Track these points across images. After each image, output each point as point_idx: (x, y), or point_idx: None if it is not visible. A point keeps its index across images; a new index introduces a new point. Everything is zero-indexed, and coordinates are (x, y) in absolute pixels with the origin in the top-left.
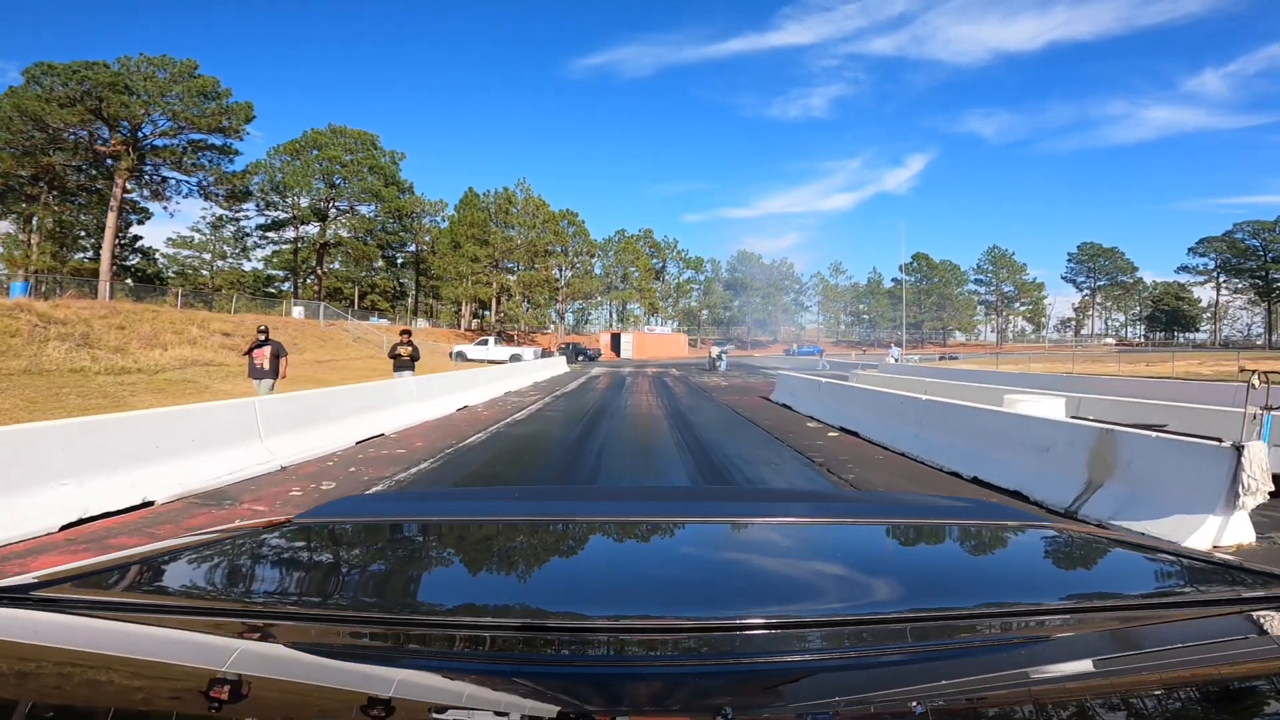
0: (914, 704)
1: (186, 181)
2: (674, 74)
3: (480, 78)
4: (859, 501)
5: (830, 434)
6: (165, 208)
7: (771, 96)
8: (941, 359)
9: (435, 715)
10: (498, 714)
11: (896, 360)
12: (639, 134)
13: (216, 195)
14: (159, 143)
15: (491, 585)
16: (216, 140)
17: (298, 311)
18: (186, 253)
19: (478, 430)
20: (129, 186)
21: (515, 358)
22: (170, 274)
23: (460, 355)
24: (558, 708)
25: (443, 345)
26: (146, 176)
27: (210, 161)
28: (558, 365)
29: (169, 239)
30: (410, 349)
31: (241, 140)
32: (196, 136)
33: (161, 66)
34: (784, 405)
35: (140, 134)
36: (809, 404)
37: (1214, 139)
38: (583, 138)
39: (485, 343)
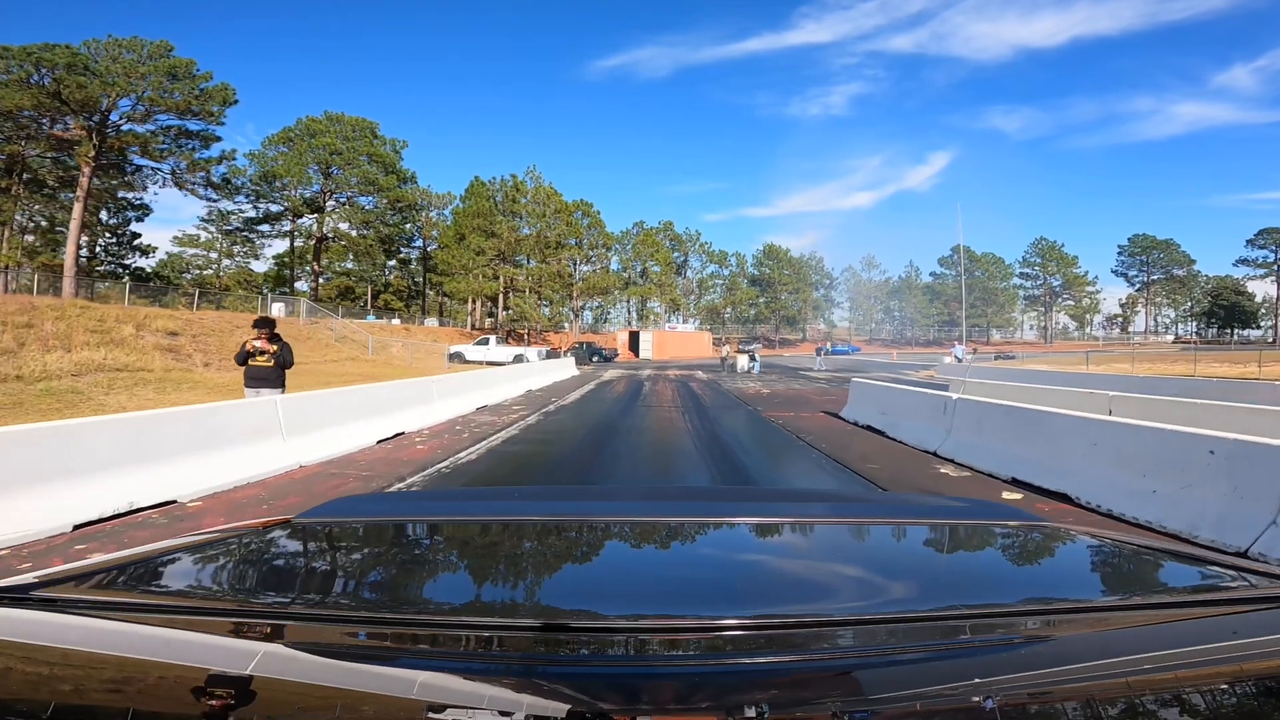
0: (982, 699)
1: (158, 169)
2: (691, 74)
3: (494, 80)
4: (867, 502)
5: (1008, 495)
6: (141, 198)
7: (790, 95)
8: (997, 358)
9: (438, 715)
10: (503, 713)
11: (961, 360)
12: (657, 134)
13: (191, 184)
14: (130, 128)
15: (494, 585)
16: (194, 126)
17: (277, 308)
18: (192, 251)
19: (369, 492)
20: (114, 179)
21: (519, 358)
22: (185, 276)
23: (458, 356)
24: (577, 708)
25: (444, 346)
26: (113, 165)
27: (183, 147)
28: (565, 368)
29: (175, 237)
30: (274, 348)
31: (222, 125)
32: (170, 122)
33: (129, 48)
34: (869, 429)
35: (109, 120)
36: (921, 430)
37: (1244, 134)
38: (600, 139)
39: (485, 342)
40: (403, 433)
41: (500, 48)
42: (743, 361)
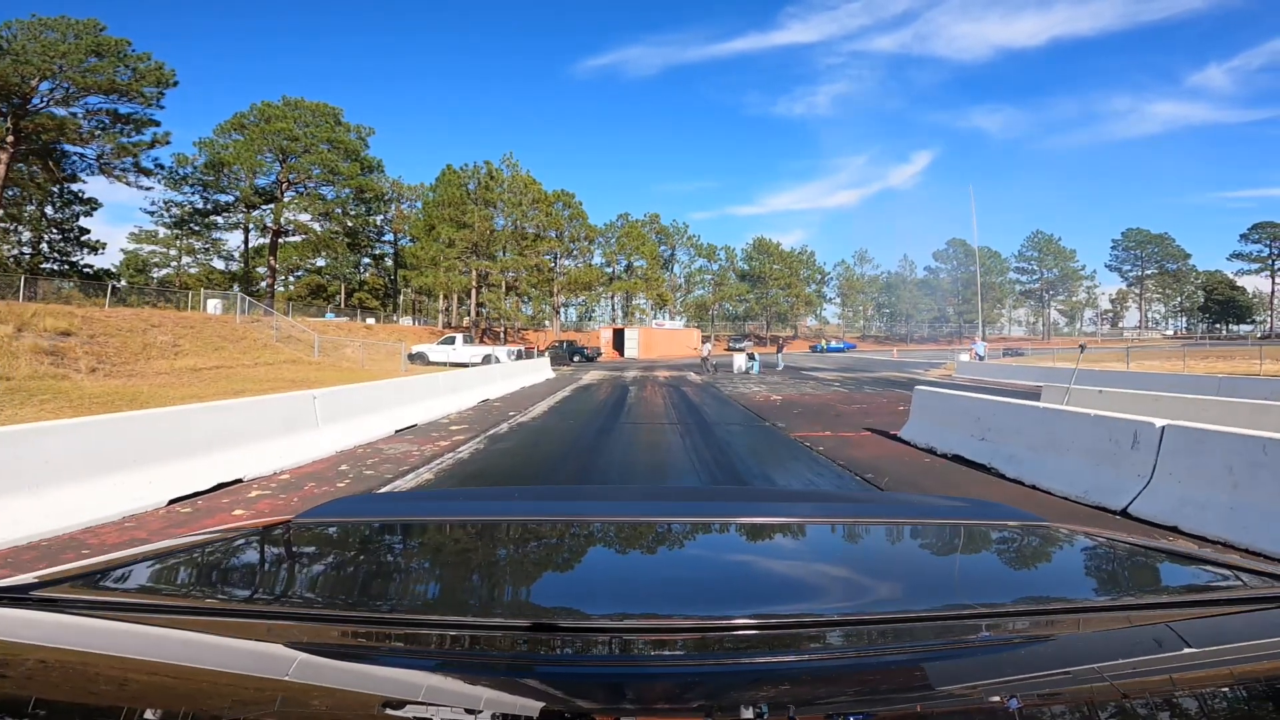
0: (1007, 698)
1: (83, 154)
2: (679, 74)
3: (480, 77)
4: (863, 502)
5: None
6: (69, 188)
7: (777, 95)
8: (1006, 354)
9: (436, 715)
10: (499, 714)
11: (982, 357)
12: (644, 133)
13: (119, 170)
14: (56, 112)
15: (493, 585)
16: (126, 109)
17: (213, 305)
18: (150, 248)
19: None
20: (34, 165)
21: (488, 359)
22: (150, 275)
23: (420, 357)
24: (561, 708)
25: (409, 345)
26: (34, 152)
27: (108, 131)
28: (537, 370)
29: (131, 234)
30: None
31: (160, 109)
32: (100, 105)
33: (53, 28)
34: (960, 461)
35: (31, 103)
36: (1069, 469)
37: (1220, 133)
38: (587, 138)
39: (451, 341)
40: (240, 479)
41: (487, 47)
42: (740, 361)
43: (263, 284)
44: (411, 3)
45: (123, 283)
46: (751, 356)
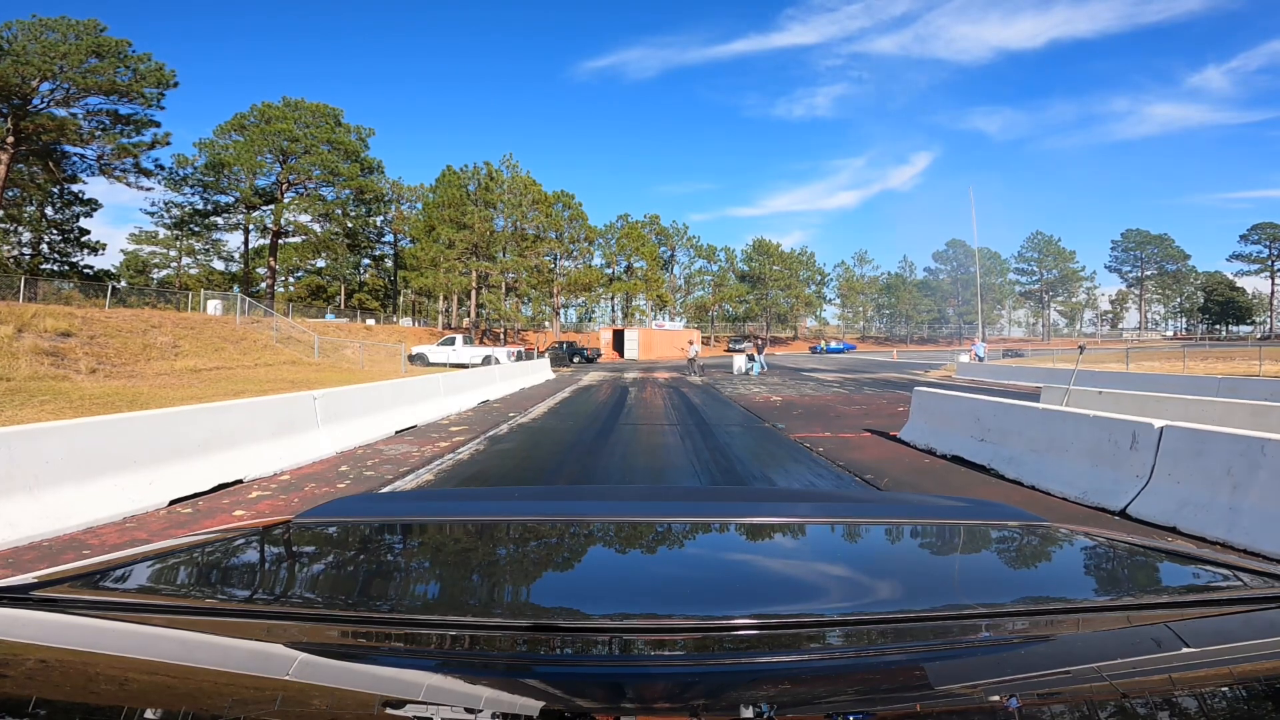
0: (1006, 698)
1: (82, 155)
2: (679, 76)
3: (479, 78)
4: (863, 501)
5: None
6: (69, 189)
7: (776, 97)
8: (1006, 355)
9: (436, 715)
10: (499, 714)
11: (982, 358)
12: (644, 135)
13: (119, 171)
14: (57, 113)
15: (493, 585)
16: (126, 110)
17: (213, 306)
18: (150, 249)
19: None
20: (34, 165)
21: (488, 360)
22: (150, 277)
23: (420, 358)
24: (561, 708)
25: (409, 346)
26: (34, 153)
27: (108, 131)
28: (537, 372)
29: (131, 234)
30: None
31: (160, 110)
32: (100, 105)
33: (54, 28)
34: (959, 461)
35: (31, 104)
36: (1067, 470)
37: (1219, 134)
38: (587, 139)
39: (451, 342)
40: (241, 480)
41: (488, 48)
42: (739, 362)
43: (263, 285)
44: (412, 4)
45: (123, 283)
46: (751, 358)
